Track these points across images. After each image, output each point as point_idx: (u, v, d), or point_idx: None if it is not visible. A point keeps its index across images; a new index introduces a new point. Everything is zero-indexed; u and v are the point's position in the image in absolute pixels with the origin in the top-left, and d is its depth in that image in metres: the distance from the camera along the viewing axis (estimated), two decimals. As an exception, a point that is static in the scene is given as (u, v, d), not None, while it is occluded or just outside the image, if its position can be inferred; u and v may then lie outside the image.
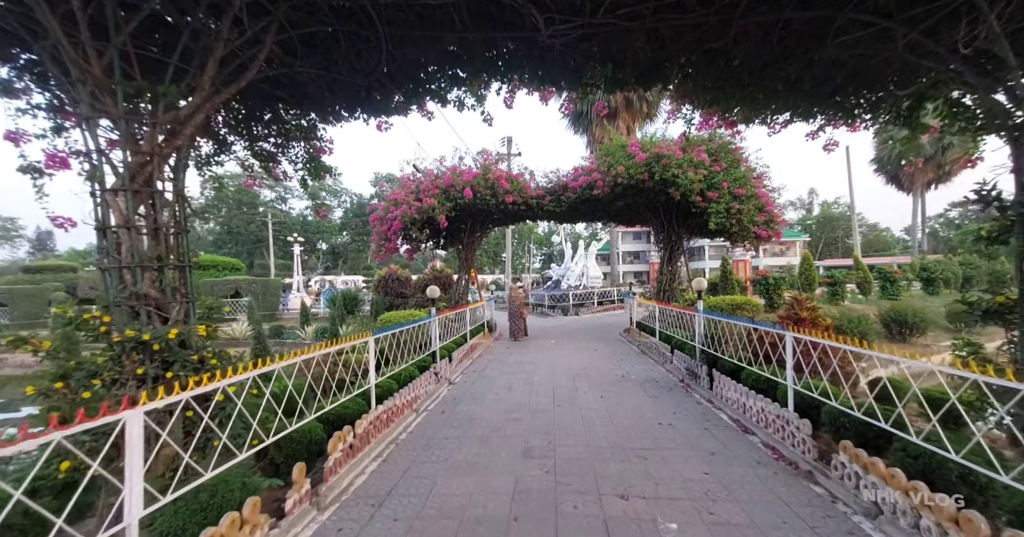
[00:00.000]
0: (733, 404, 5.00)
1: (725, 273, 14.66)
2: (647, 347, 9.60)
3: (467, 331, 9.69)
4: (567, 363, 8.49)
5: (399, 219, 11.03)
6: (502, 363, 8.73)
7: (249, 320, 20.04)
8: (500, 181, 11.14)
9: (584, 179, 10.93)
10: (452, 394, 6.35)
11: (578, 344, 11.13)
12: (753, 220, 10.07)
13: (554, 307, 19.25)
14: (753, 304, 7.73)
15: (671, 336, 8.33)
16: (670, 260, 12.09)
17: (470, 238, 13.29)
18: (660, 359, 8.34)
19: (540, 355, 9.54)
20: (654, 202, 11.04)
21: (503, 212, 12.02)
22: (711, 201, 9.67)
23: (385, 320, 7.85)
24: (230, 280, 23.16)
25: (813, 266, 17.36)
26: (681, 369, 6.98)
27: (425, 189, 10.93)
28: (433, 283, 19.05)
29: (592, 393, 6.10)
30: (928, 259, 25.51)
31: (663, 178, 9.81)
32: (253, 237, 51.89)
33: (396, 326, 6.12)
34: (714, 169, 9.66)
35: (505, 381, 7.04)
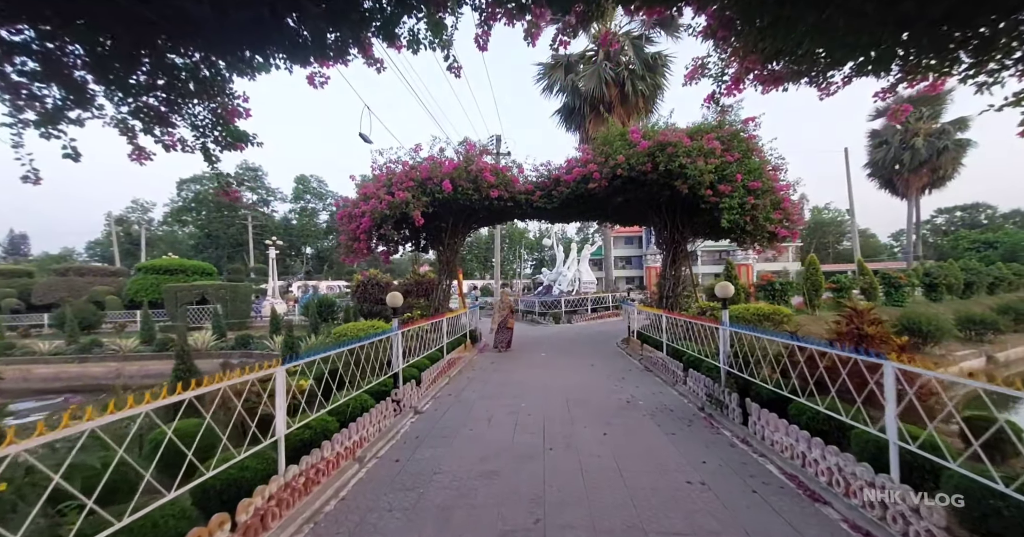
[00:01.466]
0: (783, 450, 3.74)
1: (729, 278, 13.57)
2: (652, 363, 8.35)
3: (444, 344, 8.35)
4: (561, 383, 7.19)
5: (368, 215, 9.69)
6: (484, 383, 7.39)
7: (214, 329, 18.47)
8: (484, 174, 9.88)
9: (579, 171, 9.72)
10: (416, 429, 5.00)
11: (572, 358, 9.83)
12: (769, 217, 8.93)
13: (545, 314, 17.97)
14: (783, 313, 6.57)
15: (682, 351, 7.08)
16: (673, 263, 10.89)
17: (451, 238, 11.97)
18: (669, 378, 7.08)
19: (529, 372, 8.23)
20: (657, 197, 9.85)
21: (488, 209, 10.74)
22: (723, 195, 8.50)
23: (340, 334, 6.51)
24: (196, 285, 21.49)
25: (820, 271, 16.35)
26: (699, 394, 5.72)
27: (398, 181, 9.61)
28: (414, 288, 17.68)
29: (593, 428, 4.79)
30: (929, 264, 24.78)
31: (668, 169, 8.63)
32: (232, 241, 49.92)
33: (345, 343, 4.78)
34: (726, 159, 8.51)
35: (485, 409, 5.71)
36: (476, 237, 66.50)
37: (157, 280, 24.29)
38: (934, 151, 32.44)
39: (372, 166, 10.14)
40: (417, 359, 7.16)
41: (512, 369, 8.62)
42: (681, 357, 7.15)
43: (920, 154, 32.53)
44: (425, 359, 7.50)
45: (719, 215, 8.69)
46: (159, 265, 25.62)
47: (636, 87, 17.32)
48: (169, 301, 21.00)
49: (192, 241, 55.83)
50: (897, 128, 34.36)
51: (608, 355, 10.19)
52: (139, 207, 60.52)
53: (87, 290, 24.92)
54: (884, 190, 37.02)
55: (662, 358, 7.75)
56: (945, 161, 32.58)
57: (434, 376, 7.12)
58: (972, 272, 24.79)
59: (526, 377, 7.77)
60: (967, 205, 71.61)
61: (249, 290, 23.36)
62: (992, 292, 28.04)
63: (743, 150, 8.82)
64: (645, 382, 7.16)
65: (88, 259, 63.04)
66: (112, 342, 17.79)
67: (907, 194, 34.70)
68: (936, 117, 33.62)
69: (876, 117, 35.71)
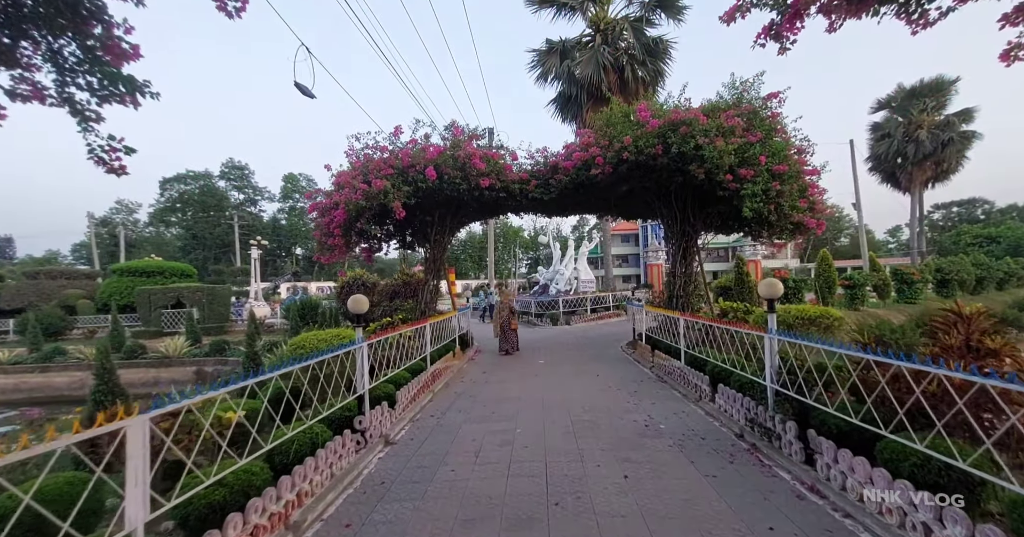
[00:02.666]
0: (882, 512, 2.69)
1: (740, 275, 12.58)
2: (666, 372, 7.30)
3: (428, 353, 7.26)
4: (563, 397, 6.12)
5: (342, 207, 8.58)
6: (473, 400, 6.31)
7: (188, 334, 17.26)
8: (473, 160, 8.79)
9: (579, 156, 8.65)
10: (383, 470, 3.91)
11: (574, 365, 8.77)
12: (795, 205, 7.92)
13: (542, 315, 16.90)
14: (832, 316, 5.55)
15: (704, 360, 6.05)
16: (684, 259, 9.85)
17: (439, 234, 10.86)
18: (691, 393, 6.03)
19: (526, 384, 7.16)
20: (667, 185, 8.80)
21: (478, 201, 9.65)
22: (744, 180, 7.46)
23: (297, 345, 5.40)
24: (170, 288, 20.21)
25: (833, 267, 15.41)
26: (734, 415, 4.67)
27: (375, 169, 8.50)
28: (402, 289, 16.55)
29: (609, 467, 3.73)
30: (940, 260, 23.97)
31: (681, 151, 7.58)
32: (219, 242, 48.43)
33: (289, 363, 3.70)
34: (748, 139, 7.47)
35: (472, 437, 4.63)
36: (470, 236, 65.40)
37: (132, 283, 22.98)
38: (938, 144, 31.67)
39: (347, 152, 9.01)
40: (394, 373, 6.08)
41: (506, 380, 7.55)
42: (703, 367, 6.12)
43: (924, 147, 31.74)
44: (405, 372, 6.42)
45: (739, 203, 7.66)
46: (134, 267, 24.30)
47: (636, 73, 16.28)
48: (142, 305, 19.73)
49: (180, 242, 54.26)
50: (899, 120, 33.61)
51: (613, 361, 9.14)
52: (123, 208, 58.87)
53: (59, 294, 23.58)
54: (886, 184, 36.25)
55: (679, 368, 6.70)
56: (949, 154, 31.83)
57: (414, 392, 6.04)
58: (983, 267, 24.02)
59: (523, 390, 6.70)
60: (963, 200, 71.38)
61: (228, 292, 22.12)
62: (1001, 288, 27.34)
63: (765, 130, 7.78)
64: (662, 396, 6.10)
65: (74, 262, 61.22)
66: (77, 350, 16.54)
67: (910, 188, 33.94)
68: (940, 108, 32.90)
69: (878, 109, 35.00)
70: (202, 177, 50.59)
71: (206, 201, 49.10)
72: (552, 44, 17.91)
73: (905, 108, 33.72)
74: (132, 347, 16.14)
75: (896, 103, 34.29)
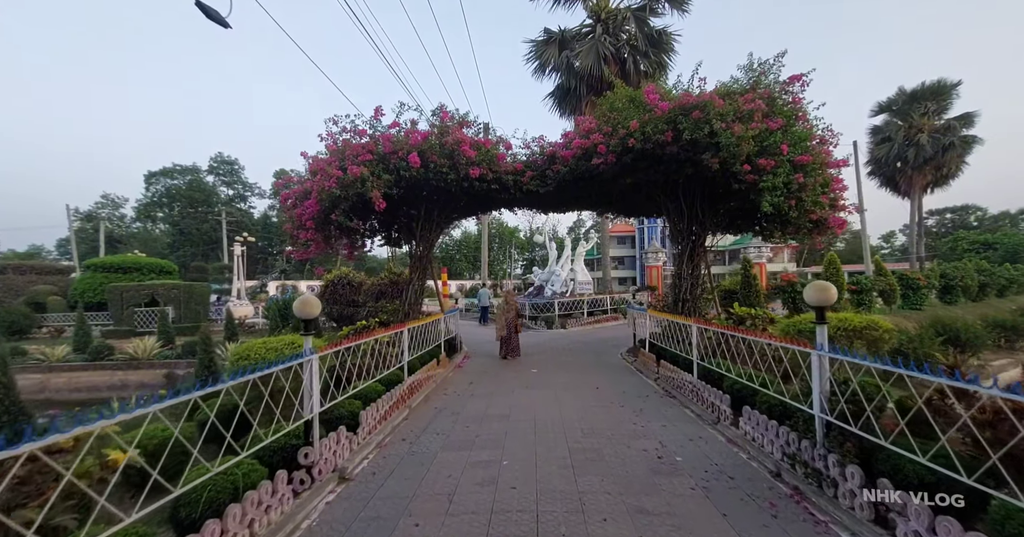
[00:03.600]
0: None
1: (747, 278, 11.83)
2: (674, 385, 6.49)
3: (405, 362, 6.39)
4: (558, 417, 5.28)
5: (314, 196, 7.70)
6: (455, 418, 5.45)
7: (159, 334, 16.24)
8: (462, 147, 7.94)
9: (580, 144, 7.83)
10: (328, 524, 3.05)
11: (571, 374, 7.94)
12: (817, 201, 7.15)
13: (536, 318, 16.07)
14: (881, 327, 4.75)
15: (722, 376, 5.25)
16: (691, 260, 9.06)
17: (425, 229, 9.99)
18: (707, 413, 5.21)
19: (517, 399, 6.31)
20: (675, 177, 8.01)
21: (468, 193, 8.80)
22: (763, 172, 6.68)
23: (240, 355, 4.53)
24: (144, 285, 19.14)
25: (841, 271, 14.70)
26: (768, 448, 3.85)
27: (352, 154, 7.63)
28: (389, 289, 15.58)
29: (618, 523, 2.89)
30: (946, 265, 23.43)
31: (694, 138, 6.78)
32: (206, 238, 47.08)
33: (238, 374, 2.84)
34: (768, 126, 6.68)
35: (448, 473, 3.77)
36: (466, 236, 64.49)
37: (107, 279, 21.87)
38: (939, 148, 31.27)
39: (322, 136, 8.12)
40: (365, 385, 5.23)
41: (495, 392, 6.70)
42: (720, 383, 5.31)
43: (925, 151, 31.32)
44: (378, 384, 5.57)
45: (757, 198, 6.88)
46: (109, 262, 23.18)
47: (638, 65, 15.53)
48: (114, 302, 18.66)
49: (168, 239, 52.74)
50: (900, 124, 33.20)
51: (614, 371, 8.32)
52: (109, 202, 57.24)
53: (27, 290, 22.41)
54: (885, 189, 35.82)
55: (691, 382, 5.89)
56: (950, 159, 31.44)
57: (386, 409, 5.17)
58: (986, 273, 23.52)
59: (512, 406, 5.85)
60: (956, 207, 71.46)
61: (207, 290, 21.07)
62: (1002, 295, 26.89)
63: (786, 116, 7.01)
64: (673, 416, 5.28)
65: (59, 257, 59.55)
66: (39, 350, 15.46)
67: (910, 193, 33.54)
68: (942, 112, 32.53)
69: (878, 112, 34.58)
70: (189, 171, 49.21)
71: (194, 196, 47.71)
72: (551, 34, 17.12)
73: (906, 112, 33.34)
74: (98, 347, 15.09)
75: (897, 106, 33.91)
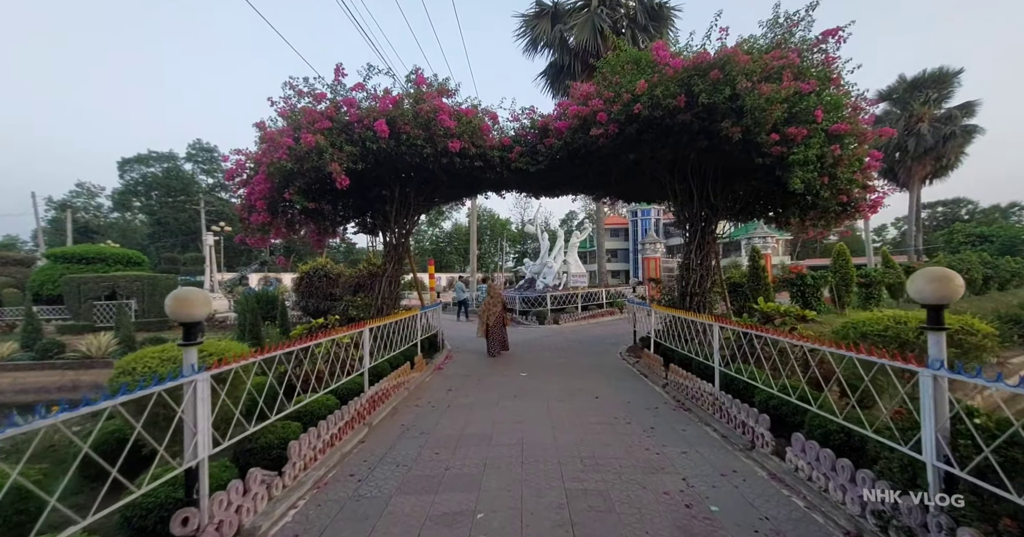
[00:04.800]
0: None
1: (756, 270, 10.90)
2: (689, 395, 5.48)
3: (367, 369, 5.29)
4: (551, 440, 4.24)
5: (263, 170, 6.52)
6: (423, 440, 4.39)
7: (117, 330, 14.92)
8: (440, 116, 6.79)
9: (576, 112, 6.71)
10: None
11: (565, 380, 6.91)
12: (851, 178, 6.15)
13: (527, 313, 15.04)
14: (979, 330, 3.79)
15: (751, 387, 4.26)
16: (700, 249, 8.04)
17: (400, 214, 8.85)
18: (734, 433, 4.20)
19: (501, 412, 5.26)
20: (685, 152, 6.95)
21: (448, 171, 7.65)
22: (792, 143, 5.65)
23: (124, 369, 3.35)
24: (104, 276, 17.72)
25: (851, 263, 13.85)
26: (841, 499, 2.85)
27: (308, 121, 6.44)
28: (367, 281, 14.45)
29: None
30: (951, 257, 22.80)
31: (711, 102, 5.71)
32: (184, 228, 45.14)
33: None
34: (800, 88, 5.63)
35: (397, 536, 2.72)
36: (456, 228, 63.16)
37: (68, 270, 20.36)
38: (940, 138, 30.64)
39: (272, 100, 6.87)
40: (310, 400, 4.16)
41: (475, 404, 5.64)
42: (748, 395, 4.33)
43: (925, 140, 30.67)
44: (329, 397, 4.50)
45: (783, 174, 5.85)
46: (71, 252, 21.67)
47: (637, 40, 14.37)
48: (70, 295, 17.26)
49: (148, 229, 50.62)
50: (899, 113, 32.47)
51: (614, 375, 7.32)
52: (84, 191, 54.85)
53: (-19, 282, 20.84)
54: (882, 179, 35.19)
55: (710, 393, 4.88)
56: (950, 149, 30.86)
57: (334, 432, 4.09)
58: (989, 266, 22.95)
59: (496, 423, 4.80)
60: (948, 200, 71.60)
61: (174, 283, 19.70)
62: (1003, 288, 26.43)
63: (819, 78, 5.96)
64: (693, 438, 4.26)
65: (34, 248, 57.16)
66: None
67: (908, 184, 32.97)
68: (943, 101, 31.85)
69: (878, 101, 33.80)
70: (166, 158, 47.06)
71: (171, 185, 45.66)
72: (543, 6, 15.86)
73: (906, 100, 32.64)
74: (47, 345, 13.76)
75: (897, 95, 33.19)
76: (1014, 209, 63.88)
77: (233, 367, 2.91)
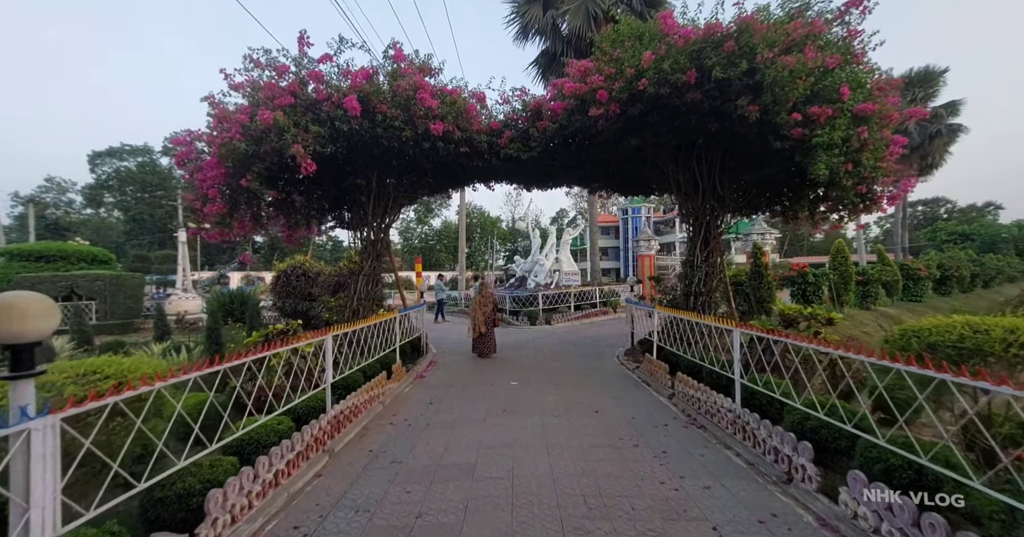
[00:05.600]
0: None
1: (758, 269, 10.37)
2: (701, 409, 4.82)
3: (329, 384, 4.52)
4: (547, 471, 3.53)
5: (214, 153, 5.68)
6: (394, 473, 3.64)
7: (73, 333, 13.79)
8: (420, 94, 6.02)
9: (574, 89, 6.00)
10: None
11: (560, 390, 6.21)
12: (876, 165, 5.56)
13: (517, 313, 14.33)
14: None
15: (777, 402, 3.61)
16: (705, 244, 7.42)
17: (378, 205, 8.05)
18: (764, 461, 3.54)
19: (488, 433, 4.54)
20: (692, 137, 6.29)
21: (430, 158, 6.88)
22: (815, 123, 5.03)
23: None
24: (61, 276, 16.53)
25: (850, 260, 13.44)
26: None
27: (267, 96, 5.61)
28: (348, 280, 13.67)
29: None
30: (942, 255, 22.73)
31: (726, 78, 5.05)
32: (161, 225, 43.33)
33: None
34: (825, 63, 5.00)
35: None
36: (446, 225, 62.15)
37: (24, 268, 19.04)
38: (926, 136, 30.71)
39: (226, 72, 5.99)
40: (251, 428, 3.39)
41: (458, 421, 4.91)
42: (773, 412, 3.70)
43: (912, 139, 30.62)
44: (282, 420, 3.75)
45: (804, 159, 5.24)
46: (29, 250, 20.29)
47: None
48: (24, 296, 15.98)
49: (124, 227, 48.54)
50: (888, 112, 32.44)
51: (613, 383, 6.65)
52: (54, 186, 52.46)
53: (-71, 282, 19.33)
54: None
55: (731, 410, 4.22)
56: (936, 147, 30.96)
57: (280, 467, 3.32)
58: (976, 264, 22.98)
59: (481, 449, 4.08)
60: (928, 200, 72.86)
61: (140, 282, 18.54)
62: (987, 286, 26.60)
63: (843, 52, 5.34)
64: (716, 467, 3.59)
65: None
66: (-79, 353, 12.87)
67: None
68: (929, 100, 31.96)
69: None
70: (140, 152, 45.09)
71: (146, 179, 43.77)
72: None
73: (894, 99, 32.65)
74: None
75: (885, 93, 33.21)
76: (989, 208, 65.20)
77: (102, 404, 2.12)
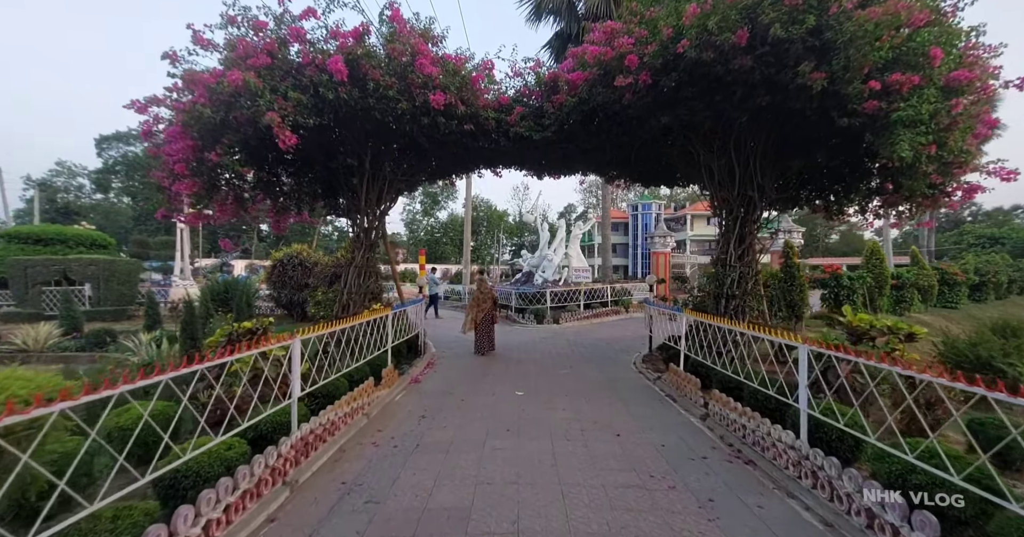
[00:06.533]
0: None
1: (790, 270, 9.43)
2: (746, 439, 3.97)
3: (295, 401, 3.74)
4: (561, 527, 2.74)
5: (178, 122, 4.91)
6: (362, 522, 2.86)
7: (62, 319, 13.26)
8: (419, 60, 5.19)
9: (598, 55, 5.13)
10: None
11: (573, 404, 5.39)
12: (963, 148, 4.62)
13: (523, 310, 13.52)
14: None
15: (855, 439, 2.75)
16: (740, 240, 6.52)
17: (372, 190, 7.25)
18: (838, 516, 2.69)
19: (488, 463, 3.73)
20: (734, 114, 5.37)
21: (430, 135, 6.04)
22: (896, 95, 4.11)
23: None
24: (53, 260, 16.01)
25: (885, 262, 12.43)
26: None
27: (240, 55, 4.80)
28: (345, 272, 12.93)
29: None
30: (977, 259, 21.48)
31: (787, 37, 4.15)
32: (167, 212, 42.88)
33: None
34: (913, 18, 4.07)
35: None
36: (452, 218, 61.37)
37: (22, 251, 18.63)
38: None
39: (192, 27, 5.18)
40: (189, 456, 2.64)
41: (455, 444, 4.12)
42: (846, 453, 2.85)
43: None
44: (235, 443, 3.02)
45: (878, 140, 4.34)
46: (27, 233, 19.90)
47: (657, 5, 12.67)
48: (15, 279, 15.57)
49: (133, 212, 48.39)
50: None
51: (633, 396, 5.81)
52: (64, 170, 52.49)
53: (-74, 264, 19.02)
54: (895, 177, 33.77)
55: (792, 445, 3.37)
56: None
57: (214, 517, 2.56)
58: (1015, 269, 21.69)
59: (479, 485, 3.29)
60: (951, 201, 70.43)
61: (136, 268, 18.02)
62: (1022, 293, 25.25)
63: (931, 8, 4.40)
64: (782, 528, 2.77)
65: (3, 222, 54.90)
66: (-94, 338, 12.41)
67: (924, 182, 31.48)
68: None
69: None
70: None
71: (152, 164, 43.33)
72: (550, -33, 14.13)
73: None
74: (-26, 337, 12.07)
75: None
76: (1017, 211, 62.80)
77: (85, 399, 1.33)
